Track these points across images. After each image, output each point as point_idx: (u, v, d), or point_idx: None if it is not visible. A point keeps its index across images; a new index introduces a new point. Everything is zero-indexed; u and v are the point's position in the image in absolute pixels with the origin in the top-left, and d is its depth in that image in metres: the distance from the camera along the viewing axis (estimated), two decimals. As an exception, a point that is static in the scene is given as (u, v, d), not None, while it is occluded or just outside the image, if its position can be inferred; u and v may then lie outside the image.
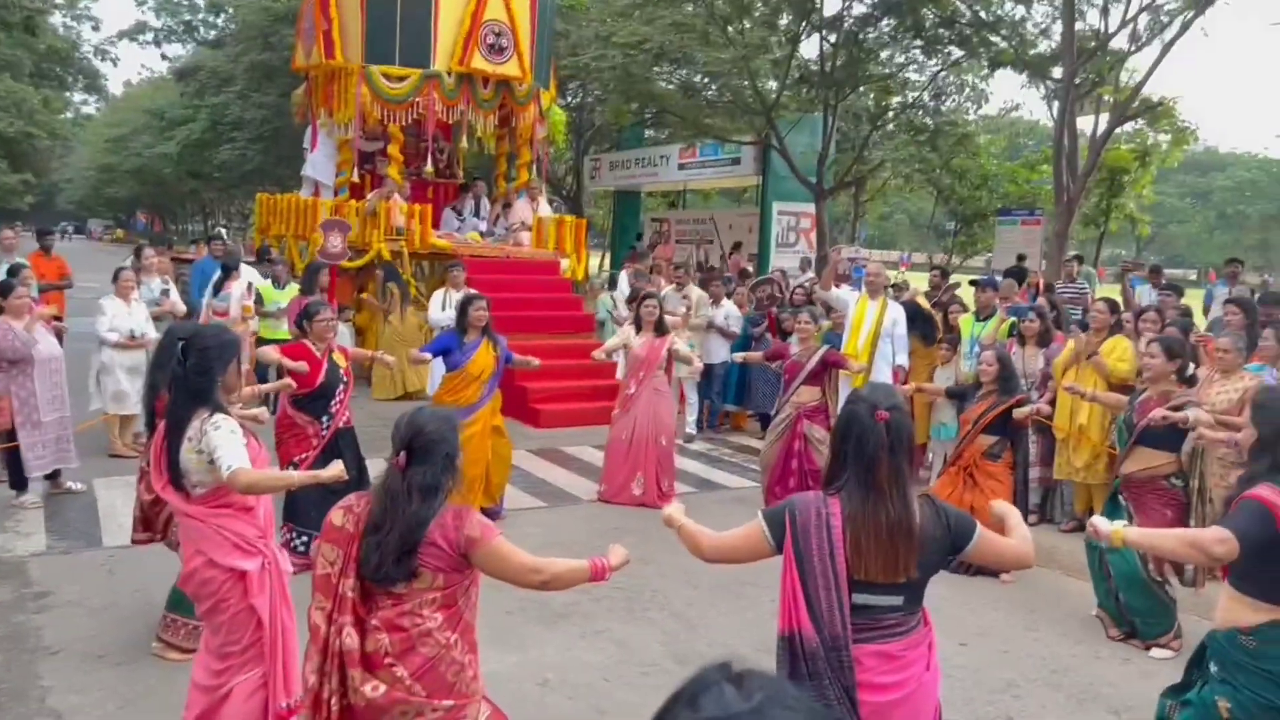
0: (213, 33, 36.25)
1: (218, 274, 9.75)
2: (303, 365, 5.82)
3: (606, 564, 2.88)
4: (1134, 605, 5.41)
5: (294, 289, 9.60)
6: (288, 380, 5.77)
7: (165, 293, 9.04)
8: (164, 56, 44.14)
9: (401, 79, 12.30)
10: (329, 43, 12.53)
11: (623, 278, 11.82)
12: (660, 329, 7.88)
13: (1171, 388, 5.67)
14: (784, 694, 0.90)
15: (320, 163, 13.15)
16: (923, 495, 2.74)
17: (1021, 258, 16.42)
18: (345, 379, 6.06)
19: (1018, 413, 6.54)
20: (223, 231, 33.61)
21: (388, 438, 2.85)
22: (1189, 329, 7.48)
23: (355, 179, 13.08)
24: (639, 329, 7.94)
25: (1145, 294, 10.98)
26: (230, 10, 33.55)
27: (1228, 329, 6.96)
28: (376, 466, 3.26)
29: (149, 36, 37.81)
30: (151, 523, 4.97)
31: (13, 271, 8.13)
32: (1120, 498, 5.64)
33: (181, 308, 9.11)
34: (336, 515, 2.81)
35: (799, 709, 0.89)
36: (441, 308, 9.86)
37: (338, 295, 10.94)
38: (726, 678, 0.92)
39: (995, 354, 6.75)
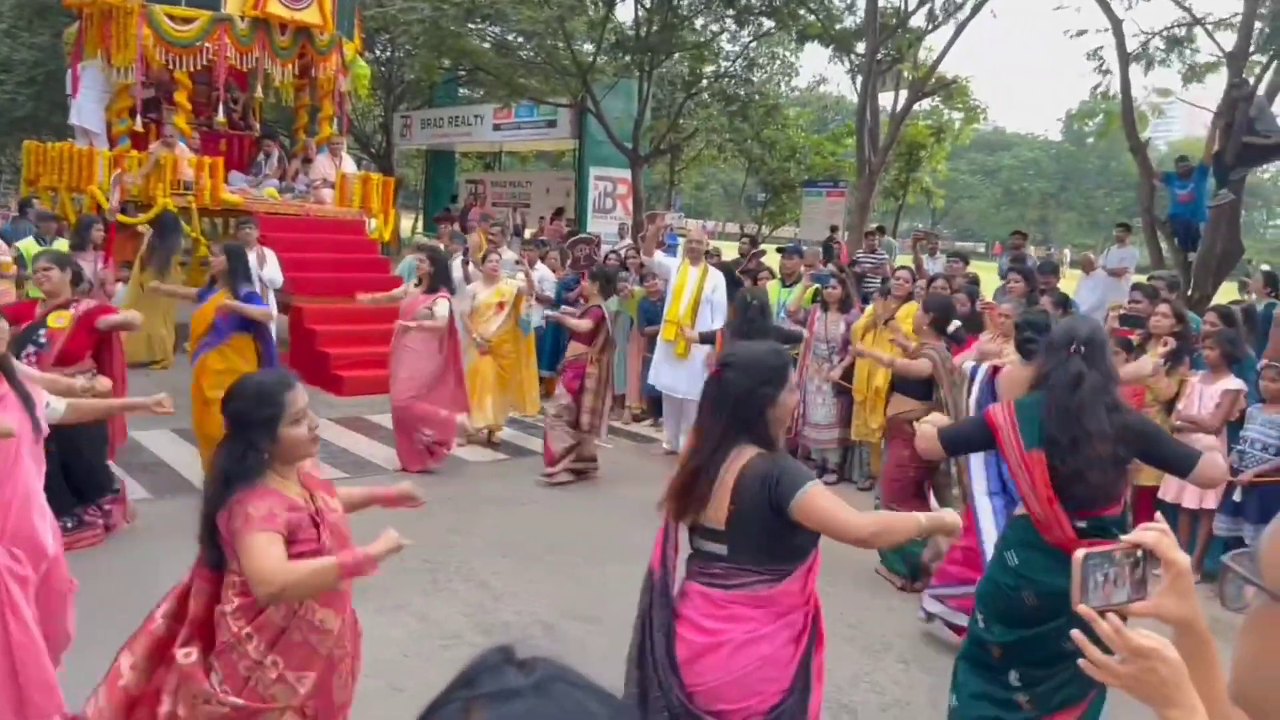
0: (-26, -38, 32.73)
1: None
2: None
3: (367, 556, 2.58)
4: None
5: (62, 245, 8.75)
6: None
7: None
8: (-84, -14, 39.46)
9: (188, 21, 11.38)
10: (105, -23, 11.46)
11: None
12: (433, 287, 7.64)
13: (929, 339, 6.00)
14: (567, 672, 0.87)
15: (86, 109, 12.00)
16: (765, 454, 2.68)
17: (834, 229, 17.02)
18: (43, 340, 5.30)
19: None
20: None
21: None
22: (975, 295, 7.88)
23: (139, 128, 12.04)
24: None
25: (934, 264, 11.56)
26: (-7, -63, 30.34)
27: (1010, 295, 7.39)
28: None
29: (-104, -38, 33.72)
30: None
31: None
32: None
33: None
34: None
35: (582, 685, 0.86)
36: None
37: (116, 253, 10.06)
38: (507, 659, 0.87)
39: None
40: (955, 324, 6.32)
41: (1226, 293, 11.77)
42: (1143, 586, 1.27)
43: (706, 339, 7.48)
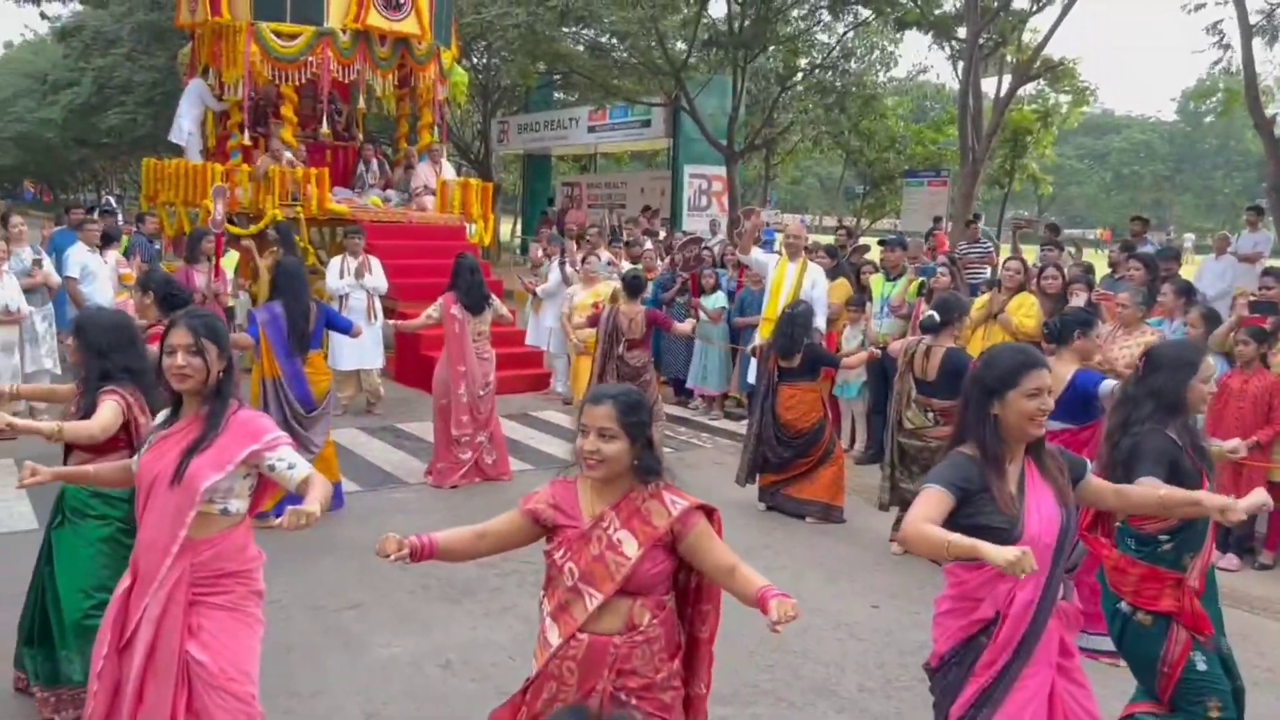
0: (96, -10, 34.40)
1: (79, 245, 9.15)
2: None
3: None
4: None
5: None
6: None
7: (37, 263, 8.46)
8: (44, 15, 41.65)
9: (293, 37, 11.72)
10: (214, -2, 11.87)
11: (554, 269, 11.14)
12: None
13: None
14: None
15: (179, 125, 12.48)
16: None
17: (937, 219, 16.60)
18: None
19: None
20: (112, 200, 32.16)
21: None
22: (1091, 285, 7.54)
23: (247, 142, 12.46)
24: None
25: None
26: (114, -35, 31.86)
27: (1129, 284, 7.04)
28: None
29: (26, -7, 35.64)
30: None
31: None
32: None
33: (55, 279, 8.57)
34: None
35: None
36: (339, 275, 9.52)
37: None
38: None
39: None
40: (926, 314, 6.07)
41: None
42: None
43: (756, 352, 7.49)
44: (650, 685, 2.63)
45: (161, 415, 3.15)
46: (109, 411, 3.48)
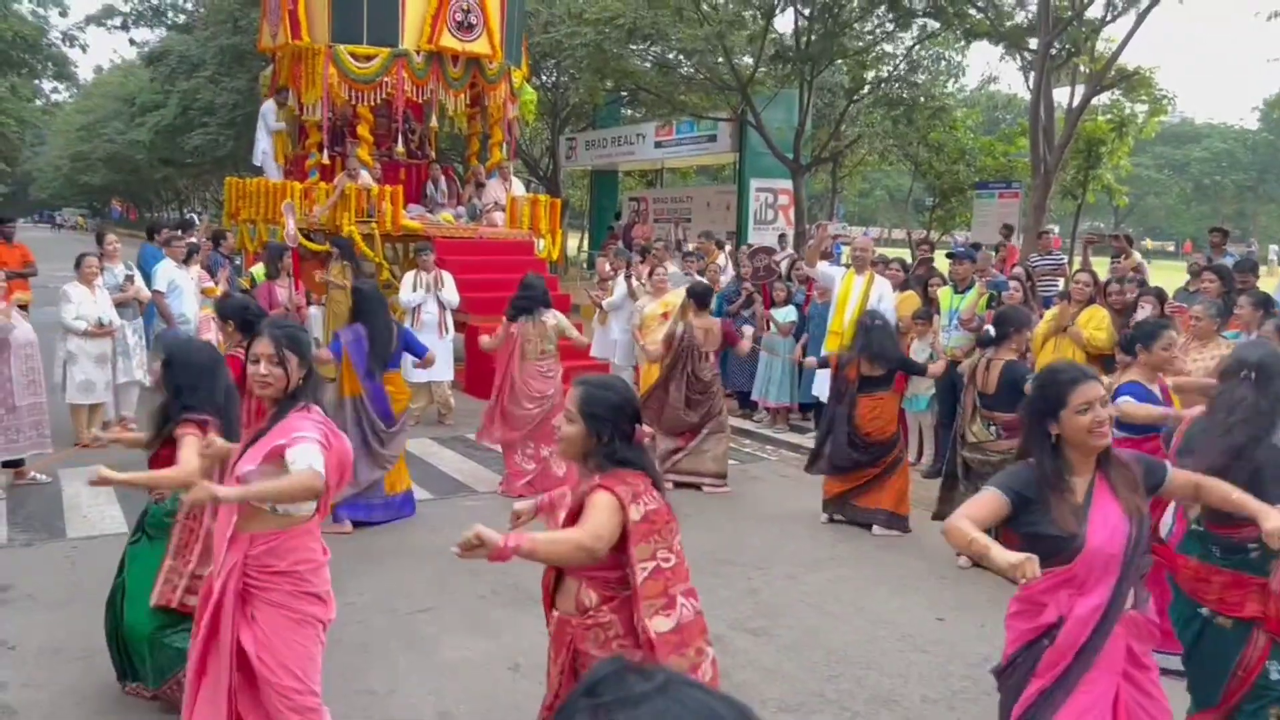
0: (181, 17, 35.68)
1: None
2: None
3: None
4: None
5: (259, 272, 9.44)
6: None
7: (129, 278, 8.85)
8: (132, 41, 43.28)
9: (369, 58, 12.08)
10: (294, 22, 12.28)
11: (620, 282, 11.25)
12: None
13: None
14: (685, 677, 0.88)
15: (258, 148, 12.99)
16: None
17: (1009, 230, 16.39)
18: None
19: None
20: (194, 218, 33.26)
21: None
22: (1163, 297, 7.42)
23: (325, 160, 12.87)
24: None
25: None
26: (198, -7, 33.10)
27: (1203, 296, 6.92)
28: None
29: (117, 21, 37.14)
30: None
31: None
32: None
33: (146, 293, 8.95)
34: None
35: (703, 687, 0.87)
36: (413, 289, 9.76)
37: (304, 279, 10.74)
38: (625, 668, 0.88)
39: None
40: (985, 327, 6.13)
41: None
42: None
43: (823, 364, 7.56)
44: None
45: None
46: (190, 451, 3.55)
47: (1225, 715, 3.23)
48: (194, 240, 11.69)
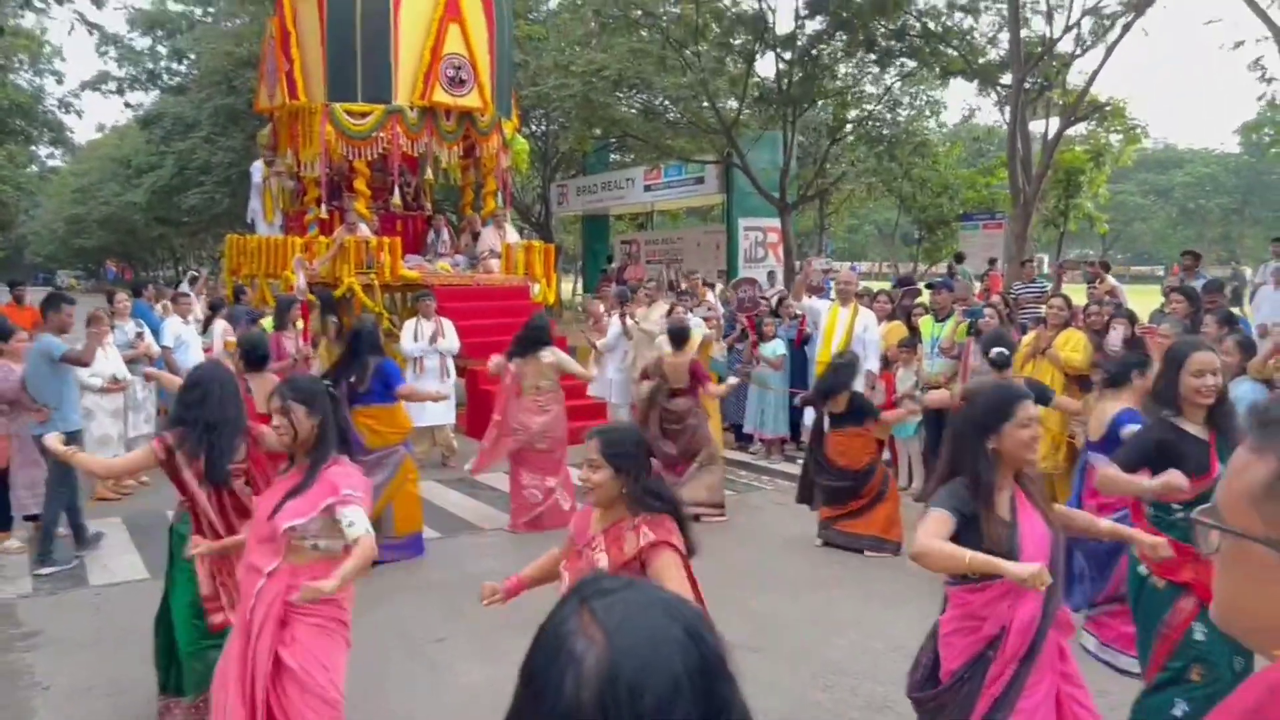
0: (176, 79, 36.32)
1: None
2: None
3: None
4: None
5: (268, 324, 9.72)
6: None
7: (140, 335, 9.14)
8: (127, 105, 44.10)
9: (364, 115, 12.47)
10: (291, 83, 12.72)
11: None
12: None
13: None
14: (647, 581, 1.13)
15: (250, 205, 13.48)
16: None
17: (992, 261, 16.80)
18: None
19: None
20: (194, 274, 33.55)
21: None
22: (1134, 319, 7.74)
23: (324, 215, 13.22)
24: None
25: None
26: (192, 56, 33.70)
27: (1171, 317, 7.24)
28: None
29: (112, 86, 37.80)
30: None
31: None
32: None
33: (156, 349, 9.23)
34: None
35: (659, 588, 1.12)
36: (414, 338, 10.03)
37: (311, 330, 11.02)
38: (602, 574, 1.12)
39: None
40: (997, 349, 6.32)
41: None
42: None
43: (807, 401, 7.79)
44: None
45: (284, 465, 3.71)
46: (140, 455, 4.21)
47: (1155, 670, 3.49)
48: (216, 296, 12.05)
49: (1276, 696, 0.92)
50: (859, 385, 7.67)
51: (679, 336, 8.06)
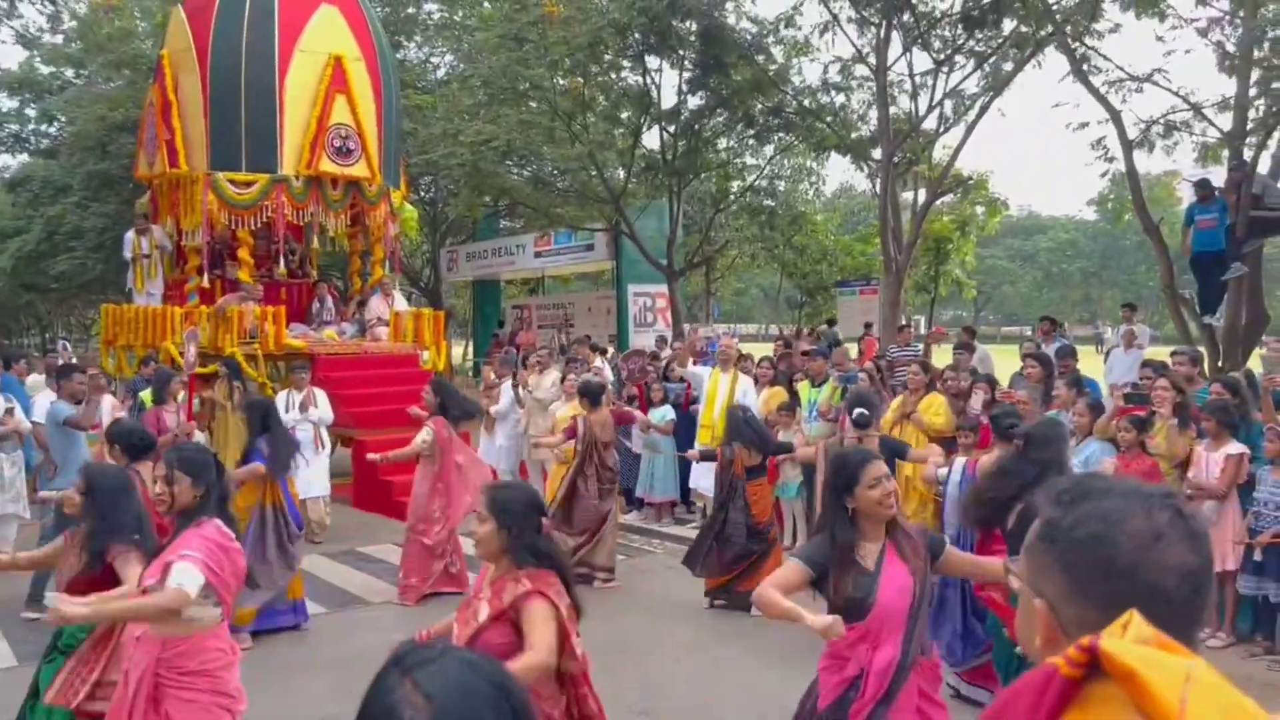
0: (44, 141, 35.13)
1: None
2: None
3: None
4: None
5: (146, 397, 9.49)
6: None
7: (9, 411, 8.80)
8: (-8, 167, 42.27)
9: (249, 184, 12.35)
10: (172, 151, 12.53)
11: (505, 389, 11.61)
12: None
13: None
14: (459, 648, 1.29)
15: (127, 274, 13.33)
16: None
17: (868, 325, 17.53)
18: None
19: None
20: (63, 344, 32.19)
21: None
22: (994, 383, 8.24)
23: (205, 284, 12.96)
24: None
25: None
26: (62, 119, 32.70)
27: (1027, 381, 7.78)
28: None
29: (-25, 148, 36.33)
30: None
31: None
32: None
33: (26, 425, 8.88)
34: None
35: (469, 653, 1.27)
36: (285, 409, 9.85)
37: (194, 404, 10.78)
38: (416, 644, 1.27)
39: None
40: (859, 410, 6.63)
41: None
42: None
43: (707, 456, 8.05)
44: None
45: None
46: (135, 568, 3.71)
47: None
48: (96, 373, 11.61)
49: (1013, 700, 1.13)
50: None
51: (595, 395, 8.26)
